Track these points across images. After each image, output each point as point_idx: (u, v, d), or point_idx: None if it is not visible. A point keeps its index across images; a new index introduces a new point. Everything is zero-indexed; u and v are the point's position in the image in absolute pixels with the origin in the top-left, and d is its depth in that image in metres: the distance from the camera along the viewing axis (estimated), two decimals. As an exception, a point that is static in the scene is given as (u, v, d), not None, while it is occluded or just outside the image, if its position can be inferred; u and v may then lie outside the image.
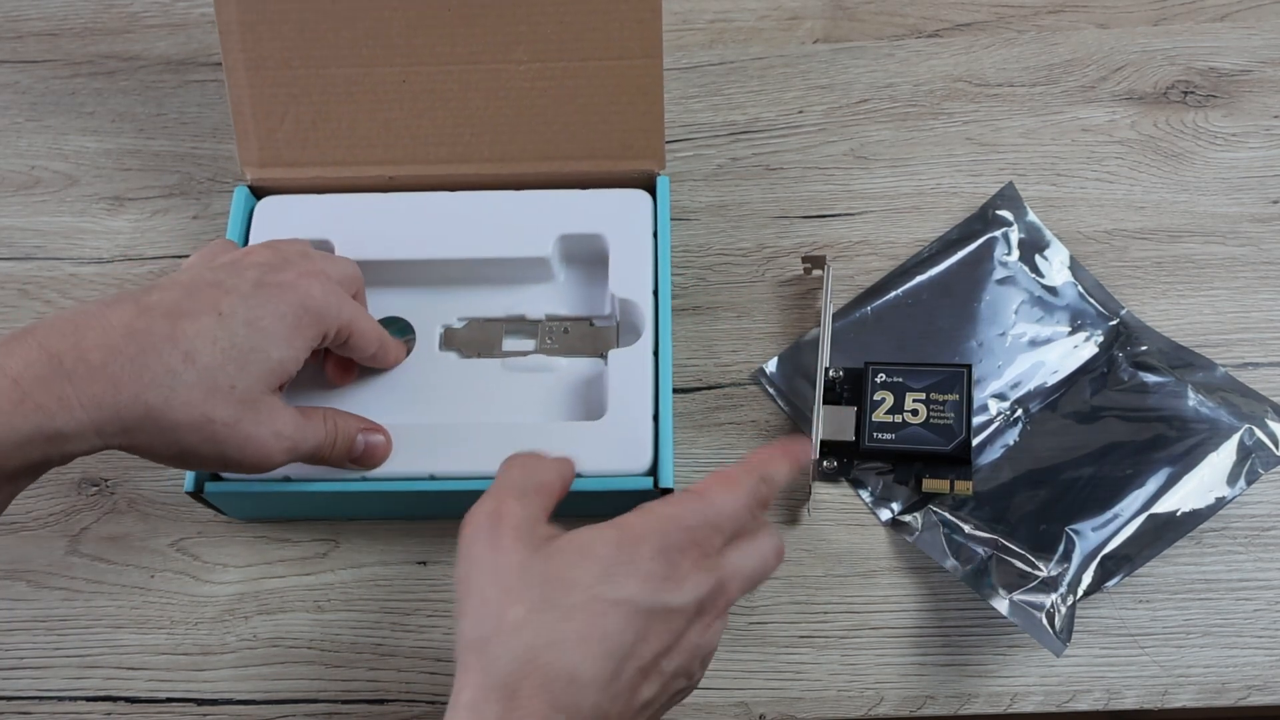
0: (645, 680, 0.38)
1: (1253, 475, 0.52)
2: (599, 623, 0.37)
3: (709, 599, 0.39)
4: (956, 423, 0.52)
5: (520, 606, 0.37)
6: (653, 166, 0.56)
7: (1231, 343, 0.57)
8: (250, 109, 0.55)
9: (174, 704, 0.51)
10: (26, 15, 0.69)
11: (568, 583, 0.37)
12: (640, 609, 0.37)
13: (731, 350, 0.58)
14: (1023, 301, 0.58)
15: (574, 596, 0.37)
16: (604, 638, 0.37)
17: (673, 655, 0.39)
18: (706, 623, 0.40)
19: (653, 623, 0.38)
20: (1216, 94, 0.64)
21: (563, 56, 0.54)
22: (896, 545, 0.53)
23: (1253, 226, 0.60)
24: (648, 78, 0.54)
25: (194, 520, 0.55)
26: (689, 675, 0.40)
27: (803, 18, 0.68)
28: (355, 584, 0.53)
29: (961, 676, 0.51)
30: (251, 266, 0.45)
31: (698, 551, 0.39)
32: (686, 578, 0.38)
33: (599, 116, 0.55)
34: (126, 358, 0.39)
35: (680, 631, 0.39)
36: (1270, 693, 0.50)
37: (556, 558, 0.38)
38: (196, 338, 0.41)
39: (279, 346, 0.44)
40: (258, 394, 0.43)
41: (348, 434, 0.49)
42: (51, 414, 0.38)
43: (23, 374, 0.38)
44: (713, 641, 0.40)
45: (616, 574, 0.38)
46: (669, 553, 0.38)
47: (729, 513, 0.40)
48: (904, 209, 0.61)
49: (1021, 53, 0.66)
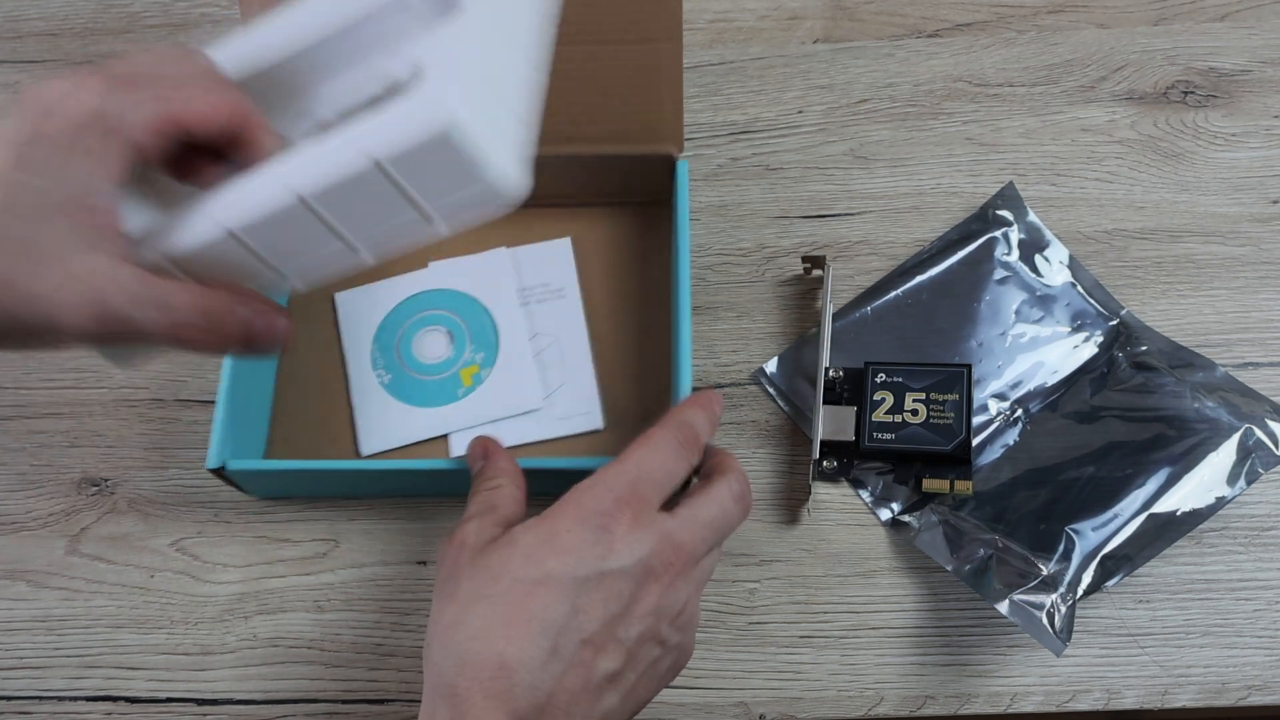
0: (600, 652, 0.38)
1: (1253, 475, 0.52)
2: (524, 604, 0.37)
3: (655, 557, 0.39)
4: (956, 423, 0.52)
5: (453, 606, 0.38)
6: (672, 150, 0.56)
7: (1231, 343, 0.57)
8: None
9: (174, 704, 0.51)
10: (26, 15, 0.69)
11: (494, 574, 0.38)
12: (567, 582, 0.38)
13: (731, 350, 0.58)
14: (1023, 301, 0.58)
15: (498, 586, 0.38)
16: (530, 618, 0.37)
17: (628, 622, 0.39)
18: (667, 582, 0.39)
19: (587, 593, 0.38)
20: (1216, 94, 0.64)
21: (584, 40, 0.54)
22: (896, 545, 0.53)
23: (1253, 226, 0.60)
24: (668, 61, 0.54)
25: (194, 520, 0.55)
26: (660, 641, 0.40)
27: (803, 18, 0.68)
28: (355, 584, 0.53)
29: (961, 676, 0.51)
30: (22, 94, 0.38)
31: (630, 513, 0.39)
32: (619, 540, 0.38)
33: (619, 100, 0.55)
34: None
35: (629, 596, 0.38)
36: (1270, 693, 0.50)
37: (486, 556, 0.39)
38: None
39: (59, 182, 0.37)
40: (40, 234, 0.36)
41: (234, 313, 0.40)
42: None
43: None
44: (679, 602, 0.40)
45: (535, 554, 0.38)
46: (591, 522, 0.39)
47: (653, 467, 0.40)
48: (904, 209, 0.61)
49: (1021, 53, 0.66)
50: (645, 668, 0.40)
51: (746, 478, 0.43)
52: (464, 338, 0.56)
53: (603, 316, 0.57)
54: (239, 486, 0.53)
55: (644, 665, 0.40)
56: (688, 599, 0.40)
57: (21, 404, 0.58)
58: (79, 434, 0.57)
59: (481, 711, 0.36)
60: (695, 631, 0.42)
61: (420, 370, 0.56)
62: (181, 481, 0.55)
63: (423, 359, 0.56)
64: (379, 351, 0.56)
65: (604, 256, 0.59)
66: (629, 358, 0.56)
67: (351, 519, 0.54)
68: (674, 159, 0.56)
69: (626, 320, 0.57)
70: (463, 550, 0.40)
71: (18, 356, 0.58)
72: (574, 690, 0.37)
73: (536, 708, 0.37)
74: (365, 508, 0.55)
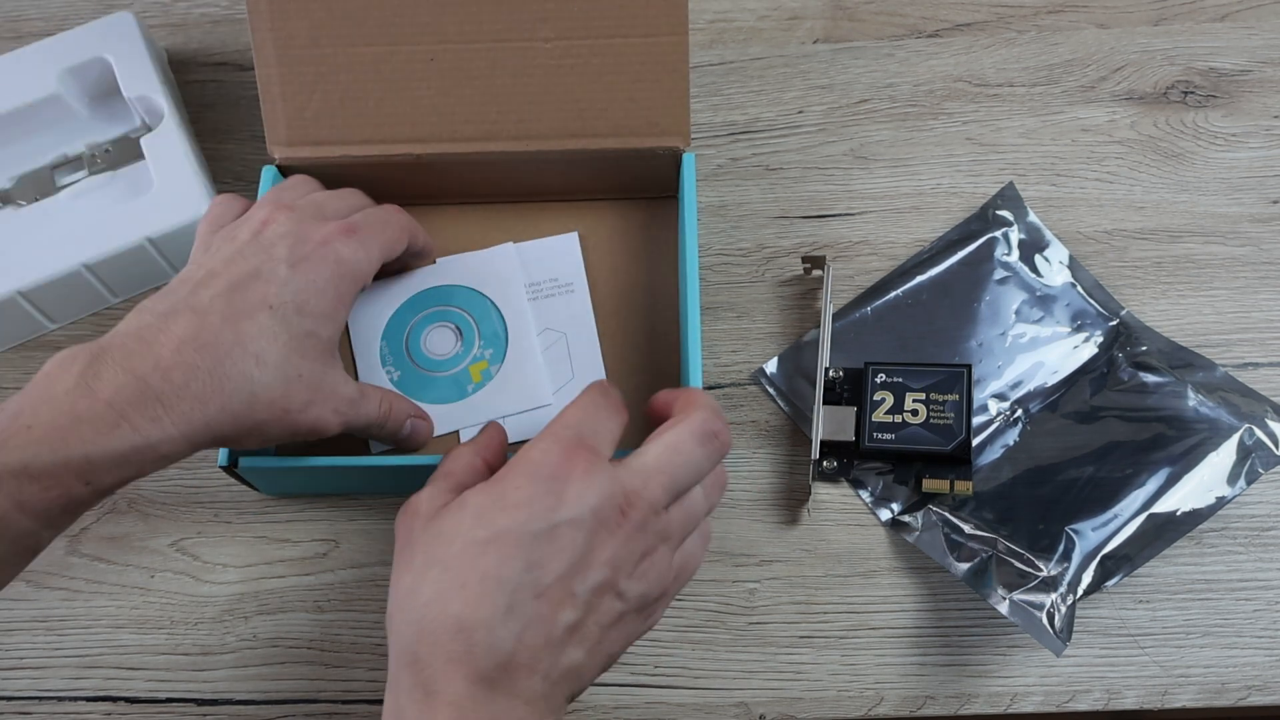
0: (558, 606, 0.38)
1: (1253, 475, 0.52)
2: (476, 564, 0.38)
3: (607, 506, 0.39)
4: (956, 423, 0.52)
5: (409, 574, 0.39)
6: (678, 144, 0.56)
7: (1231, 343, 0.57)
8: (279, 88, 0.55)
9: (174, 704, 0.51)
10: (26, 15, 0.69)
11: (447, 538, 0.39)
12: (520, 537, 0.38)
13: (731, 350, 0.58)
14: (1023, 301, 0.58)
15: (451, 549, 0.38)
16: (483, 577, 0.37)
17: (584, 574, 0.38)
18: (625, 533, 0.39)
19: (540, 547, 0.38)
20: (1216, 94, 0.64)
21: (589, 34, 0.54)
22: (896, 545, 0.53)
23: (1253, 226, 0.60)
24: (674, 55, 0.54)
25: (194, 520, 0.55)
26: (618, 593, 0.39)
27: (803, 18, 0.68)
28: (355, 584, 0.53)
29: (961, 676, 0.51)
30: (277, 241, 0.46)
31: (581, 464, 0.39)
32: (570, 491, 0.38)
33: (625, 94, 0.55)
34: (204, 372, 0.42)
35: (583, 545, 0.38)
36: (1270, 693, 0.50)
37: (439, 521, 0.40)
38: (259, 337, 0.44)
39: (327, 324, 0.46)
40: (320, 374, 0.46)
41: (398, 417, 0.51)
42: (147, 433, 0.41)
43: (114, 398, 0.40)
44: (635, 553, 0.39)
45: (486, 513, 0.39)
46: (541, 474, 0.39)
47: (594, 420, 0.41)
48: (904, 209, 0.61)
49: (1021, 53, 0.66)
50: (610, 621, 0.39)
51: (716, 413, 0.42)
52: (473, 334, 0.56)
53: (609, 311, 0.57)
54: (249, 484, 0.53)
55: (607, 618, 0.39)
56: (647, 550, 0.40)
57: (21, 404, 0.58)
58: (79, 434, 0.57)
59: (444, 676, 0.37)
60: (671, 586, 0.41)
61: (429, 366, 0.56)
62: (182, 482, 0.55)
63: (431, 355, 0.56)
64: (388, 348, 0.56)
65: (610, 251, 0.59)
66: (636, 353, 0.56)
67: (351, 519, 0.54)
68: (680, 153, 0.56)
69: (633, 315, 0.57)
70: (416, 518, 0.40)
71: (17, 357, 0.58)
72: (535, 646, 0.37)
73: (499, 666, 0.37)
74: (365, 508, 0.55)
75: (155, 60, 0.62)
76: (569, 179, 0.58)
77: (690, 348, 0.51)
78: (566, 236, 0.59)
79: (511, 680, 0.37)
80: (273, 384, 0.44)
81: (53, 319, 0.59)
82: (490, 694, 0.37)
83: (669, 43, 0.54)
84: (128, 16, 0.63)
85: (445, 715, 0.36)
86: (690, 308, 0.52)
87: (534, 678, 0.37)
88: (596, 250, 0.59)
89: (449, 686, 0.36)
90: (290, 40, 0.54)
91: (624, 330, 0.57)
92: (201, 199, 0.58)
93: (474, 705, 0.36)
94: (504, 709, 0.37)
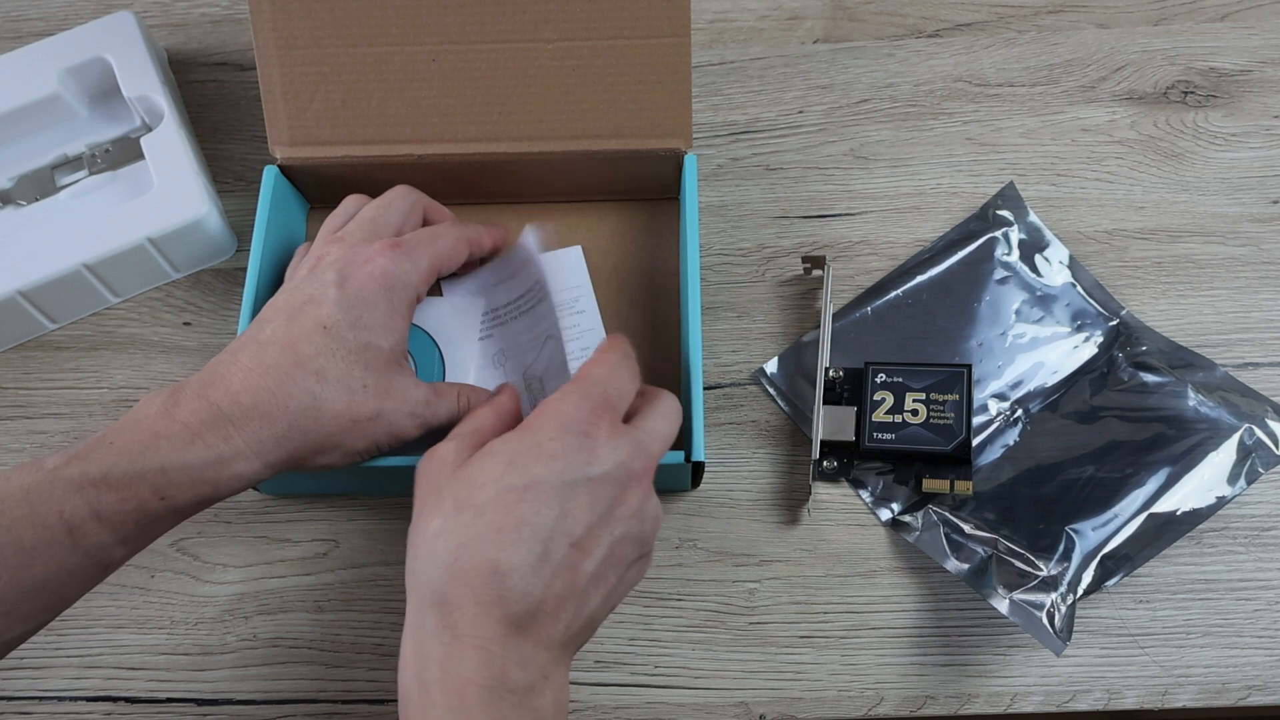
0: (585, 554, 0.39)
1: (1253, 475, 0.52)
2: (514, 510, 0.39)
3: (635, 461, 0.41)
4: (956, 423, 0.52)
5: (437, 518, 0.40)
6: (680, 145, 0.56)
7: (1231, 343, 0.57)
8: (281, 88, 0.55)
9: (174, 704, 0.51)
10: (26, 15, 0.69)
11: (476, 484, 0.40)
12: (554, 486, 0.39)
13: (731, 350, 0.58)
14: (1023, 301, 0.58)
15: (484, 494, 0.39)
16: (520, 524, 0.38)
17: (613, 523, 0.40)
18: (644, 489, 0.41)
19: (574, 496, 0.39)
20: (1216, 94, 0.64)
21: (591, 35, 0.54)
22: (896, 545, 0.53)
23: (1253, 226, 0.60)
24: (676, 56, 0.54)
25: (194, 520, 0.54)
26: (639, 540, 0.41)
27: (803, 18, 0.68)
28: (355, 584, 0.53)
29: (961, 676, 0.51)
30: (328, 269, 0.48)
31: (607, 421, 0.41)
32: (602, 445, 0.40)
33: (627, 95, 0.55)
34: (269, 393, 0.44)
35: (612, 498, 0.40)
36: (1270, 693, 0.50)
37: (466, 469, 0.41)
38: (318, 356, 0.46)
39: (385, 334, 0.47)
40: (386, 382, 0.47)
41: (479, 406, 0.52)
42: (219, 449, 0.43)
43: (190, 419, 0.43)
44: (653, 505, 0.42)
45: (520, 461, 0.40)
46: (574, 428, 0.40)
47: (617, 383, 0.43)
48: (904, 209, 0.61)
49: (1021, 53, 0.66)
50: (624, 569, 0.41)
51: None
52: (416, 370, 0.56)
53: (610, 312, 0.57)
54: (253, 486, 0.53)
55: (623, 566, 0.41)
56: (656, 503, 0.42)
57: (21, 404, 0.58)
58: (79, 434, 0.57)
59: (474, 618, 0.37)
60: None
61: None
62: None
63: None
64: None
65: (611, 252, 0.59)
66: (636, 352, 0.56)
67: (351, 519, 0.55)
68: (682, 154, 0.56)
69: (633, 315, 0.57)
70: (444, 466, 0.41)
71: (16, 357, 0.59)
72: (562, 594, 0.39)
73: (528, 613, 0.38)
74: (365, 508, 0.55)
75: (155, 60, 0.62)
76: (571, 180, 0.58)
77: (691, 348, 0.51)
78: (569, 250, 0.59)
79: (538, 626, 0.38)
80: (336, 396, 0.45)
81: (53, 319, 0.59)
82: (518, 638, 0.38)
83: (671, 44, 0.54)
84: (128, 16, 0.63)
85: (473, 657, 0.37)
86: (691, 308, 0.52)
87: (558, 625, 0.39)
88: (597, 251, 0.59)
89: (479, 629, 0.37)
90: (292, 40, 0.54)
91: (624, 330, 0.57)
92: (202, 199, 0.58)
93: (501, 648, 0.37)
94: (529, 653, 0.38)
